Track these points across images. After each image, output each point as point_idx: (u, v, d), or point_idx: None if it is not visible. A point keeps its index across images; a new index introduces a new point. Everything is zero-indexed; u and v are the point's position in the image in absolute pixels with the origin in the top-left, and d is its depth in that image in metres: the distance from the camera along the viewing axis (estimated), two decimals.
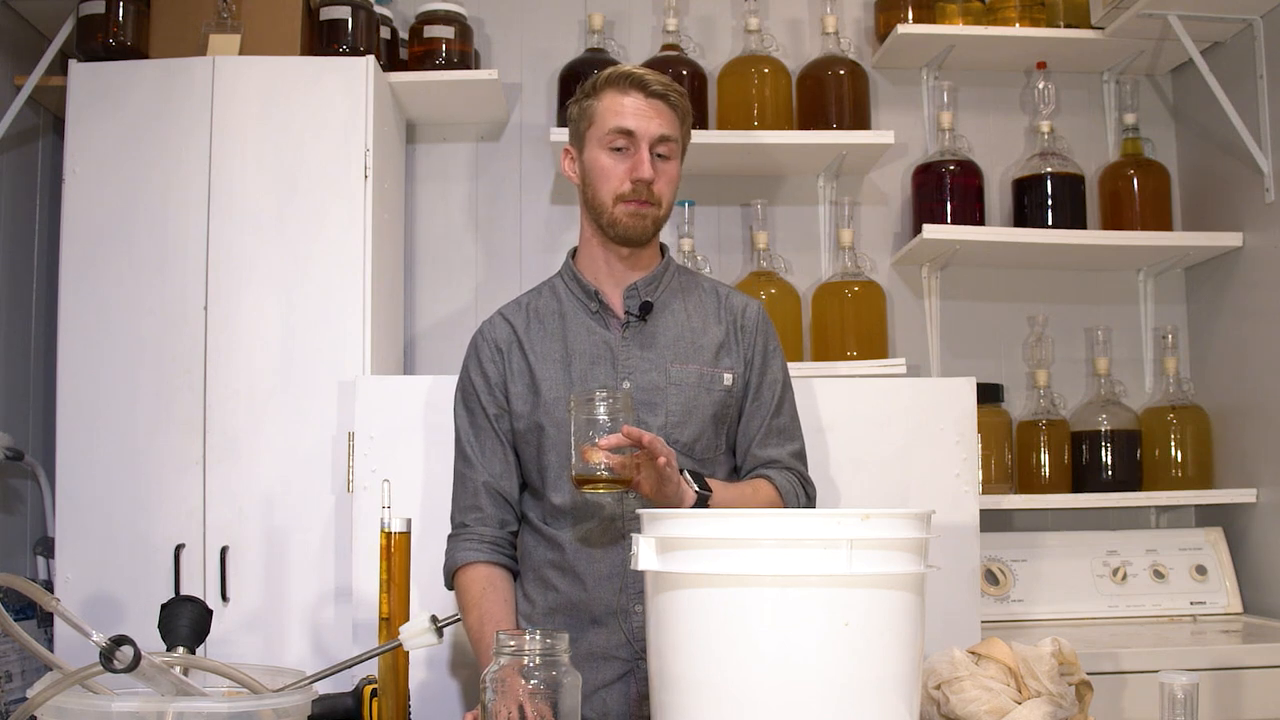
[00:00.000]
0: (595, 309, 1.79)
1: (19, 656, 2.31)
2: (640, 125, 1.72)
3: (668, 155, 1.75)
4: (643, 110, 1.73)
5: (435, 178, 2.85)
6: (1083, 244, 2.69)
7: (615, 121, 1.72)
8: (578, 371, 1.75)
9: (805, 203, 2.87)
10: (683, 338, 1.78)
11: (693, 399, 1.74)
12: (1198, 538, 2.71)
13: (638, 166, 1.71)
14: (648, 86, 1.73)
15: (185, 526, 2.25)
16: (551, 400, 1.73)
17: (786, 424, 1.85)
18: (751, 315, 1.84)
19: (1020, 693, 1.38)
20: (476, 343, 1.84)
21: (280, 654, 2.21)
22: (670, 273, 1.84)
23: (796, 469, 1.83)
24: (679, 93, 1.76)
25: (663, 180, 1.74)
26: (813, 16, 2.90)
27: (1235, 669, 2.23)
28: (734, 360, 1.79)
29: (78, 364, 2.29)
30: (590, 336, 1.77)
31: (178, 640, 1.27)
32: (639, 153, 1.72)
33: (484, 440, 1.78)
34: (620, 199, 1.73)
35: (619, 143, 1.72)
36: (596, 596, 1.70)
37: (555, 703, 1.24)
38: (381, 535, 1.40)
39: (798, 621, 1.13)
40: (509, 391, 1.78)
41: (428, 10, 2.64)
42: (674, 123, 1.75)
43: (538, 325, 1.81)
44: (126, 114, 2.34)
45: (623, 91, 1.74)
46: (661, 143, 1.73)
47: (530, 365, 1.77)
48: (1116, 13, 2.61)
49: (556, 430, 1.72)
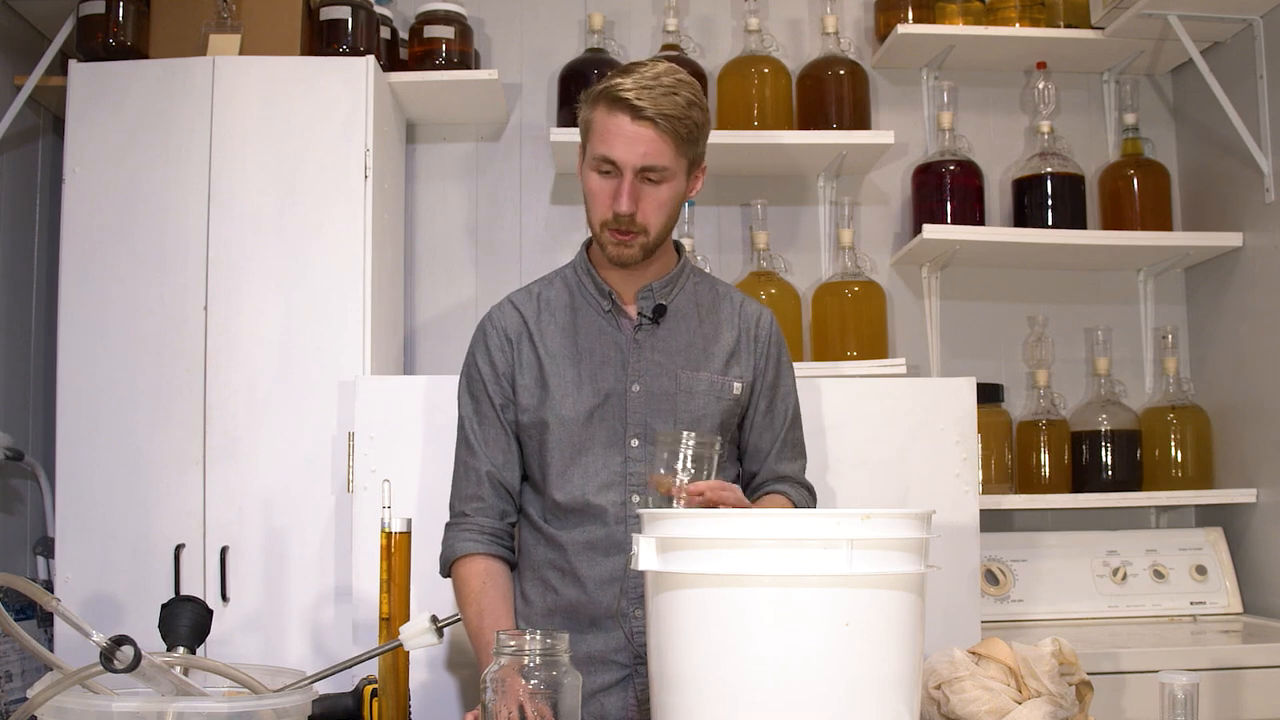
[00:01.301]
0: (608, 308, 1.76)
1: (19, 656, 2.31)
2: (623, 155, 1.62)
3: (658, 180, 1.65)
4: (628, 136, 1.61)
5: (435, 178, 2.85)
6: (1083, 244, 2.69)
7: (601, 148, 1.64)
8: (587, 371, 1.73)
9: (805, 203, 2.88)
10: (694, 344, 1.76)
11: (702, 407, 1.73)
12: (1198, 538, 2.71)
13: (618, 198, 1.64)
14: (637, 111, 1.60)
15: (185, 526, 2.25)
16: (559, 397, 1.72)
17: (799, 438, 1.85)
18: (765, 326, 1.82)
19: (1021, 693, 1.38)
20: (485, 329, 1.80)
21: (280, 654, 2.21)
22: (686, 275, 1.81)
23: (807, 484, 1.85)
24: (673, 116, 1.62)
25: (649, 206, 1.66)
26: (813, 16, 2.90)
27: (1235, 669, 2.23)
28: (743, 369, 1.78)
29: (78, 364, 2.29)
30: (601, 336, 1.75)
31: (178, 640, 1.27)
32: (622, 182, 1.64)
33: (488, 429, 1.76)
34: (605, 225, 1.68)
35: (604, 168, 1.66)
36: (596, 599, 1.69)
37: (555, 703, 1.24)
38: (382, 535, 1.40)
39: (798, 622, 1.13)
40: (516, 383, 1.76)
41: (428, 10, 2.64)
42: (664, 148, 1.63)
43: (549, 318, 1.78)
44: (126, 114, 2.34)
45: (609, 113, 1.63)
46: (647, 171, 1.64)
47: (540, 359, 1.75)
48: (1116, 13, 2.61)
49: (561, 428, 1.71)
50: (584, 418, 1.70)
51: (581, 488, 1.70)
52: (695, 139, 1.68)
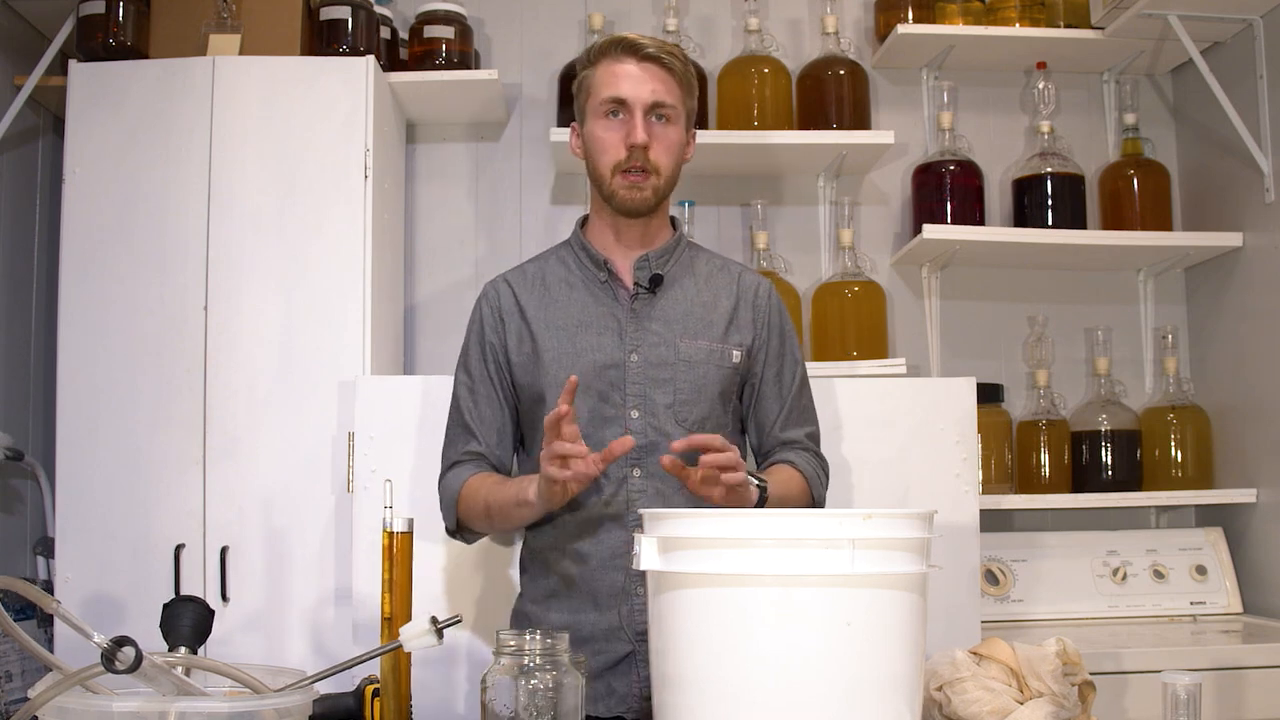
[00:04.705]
0: (604, 279, 1.76)
1: (19, 657, 2.31)
2: (632, 92, 1.67)
3: (667, 119, 1.69)
4: (635, 75, 1.68)
5: (435, 178, 2.85)
6: (1083, 244, 2.69)
7: (608, 90, 1.68)
8: (584, 342, 1.72)
9: (805, 203, 2.87)
10: (692, 313, 1.76)
11: (702, 376, 1.72)
12: (1198, 538, 2.71)
13: (631, 132, 1.67)
14: (640, 50, 1.68)
15: (185, 526, 2.25)
16: (555, 371, 1.71)
17: (808, 404, 1.85)
18: (764, 294, 1.82)
19: (1022, 693, 1.38)
20: (479, 307, 1.82)
21: (281, 654, 2.21)
22: (682, 247, 1.82)
23: (814, 449, 1.83)
24: (676, 55, 1.70)
25: (660, 146, 1.69)
26: (813, 16, 2.90)
27: (1235, 669, 2.23)
28: (743, 336, 1.77)
29: (78, 364, 2.29)
30: (598, 307, 1.75)
31: (180, 640, 1.27)
32: (633, 119, 1.67)
33: (481, 408, 1.77)
34: (617, 169, 1.69)
35: (612, 109, 1.68)
36: (599, 578, 1.69)
37: (555, 703, 1.24)
38: (384, 535, 1.40)
39: (800, 621, 1.13)
40: (511, 360, 1.76)
41: (428, 10, 2.64)
42: (671, 86, 1.70)
43: (543, 292, 1.78)
44: (126, 114, 2.34)
45: (615, 59, 1.69)
46: (657, 108, 1.68)
47: (533, 334, 1.75)
48: (1116, 13, 2.61)
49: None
50: (582, 390, 1.69)
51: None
52: (693, 90, 1.76)
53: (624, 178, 1.70)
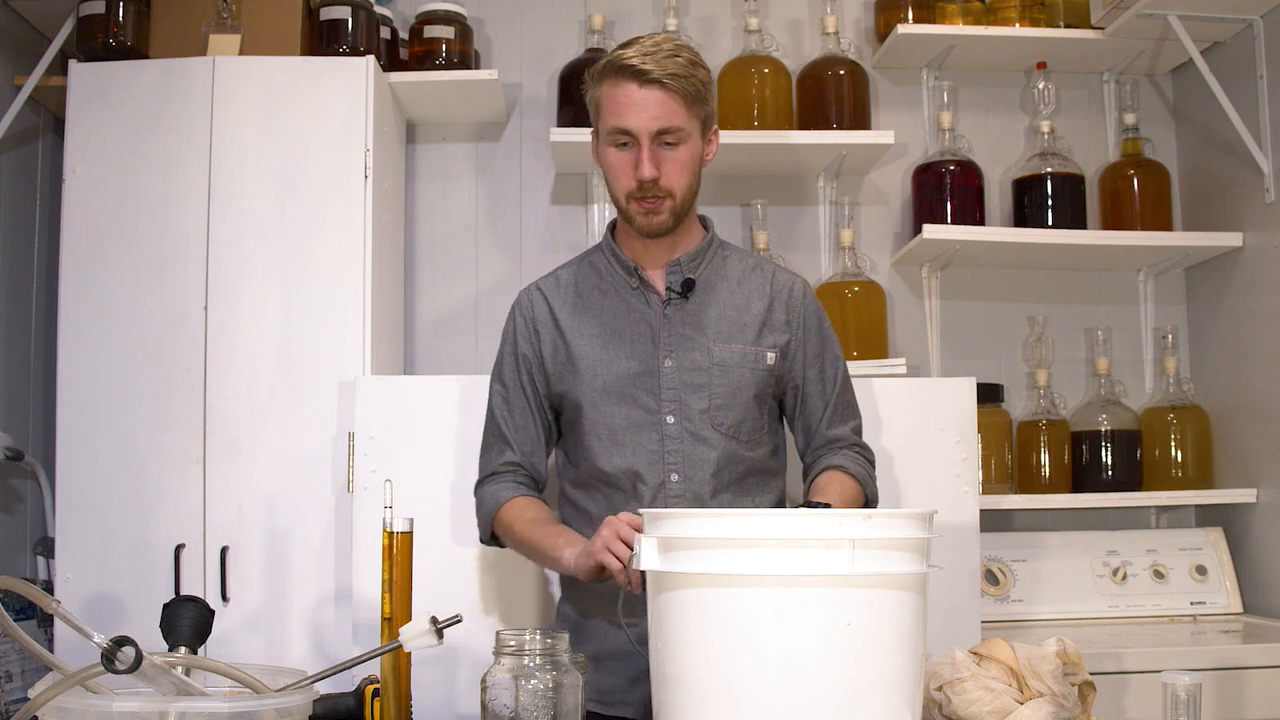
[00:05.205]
0: (635, 285, 1.76)
1: (19, 657, 2.31)
2: (637, 122, 1.65)
3: (675, 142, 1.67)
4: (638, 103, 1.64)
5: (435, 178, 2.85)
6: (1083, 244, 2.69)
7: (614, 120, 1.67)
8: (618, 349, 1.73)
9: (805, 203, 2.87)
10: (725, 316, 1.75)
11: (737, 379, 1.72)
12: (1198, 538, 2.71)
13: (639, 165, 1.66)
14: (643, 75, 1.63)
15: (185, 526, 2.25)
16: (589, 379, 1.72)
17: (850, 400, 1.84)
18: (798, 294, 1.82)
19: (1022, 693, 1.38)
20: (513, 318, 1.82)
21: (281, 654, 2.21)
22: (714, 248, 1.81)
23: (860, 443, 1.83)
24: (679, 73, 1.65)
25: (671, 169, 1.68)
26: (813, 16, 2.90)
27: (1236, 669, 2.23)
28: (777, 338, 1.77)
29: (78, 364, 2.29)
30: (630, 314, 1.75)
31: (180, 640, 1.27)
32: (640, 149, 1.66)
33: (516, 418, 1.79)
34: (631, 196, 1.69)
35: (620, 140, 1.68)
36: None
37: (555, 703, 1.25)
38: (384, 535, 1.40)
39: (800, 621, 1.13)
40: (547, 370, 1.77)
41: (428, 10, 2.64)
42: (676, 109, 1.66)
43: (576, 301, 1.78)
44: (126, 114, 2.34)
45: (616, 84, 1.66)
46: (663, 134, 1.66)
47: (567, 342, 1.75)
48: (1116, 13, 2.61)
49: (595, 409, 1.71)
50: (617, 397, 1.71)
51: (619, 468, 1.70)
52: (703, 97, 1.71)
53: (639, 204, 1.69)
